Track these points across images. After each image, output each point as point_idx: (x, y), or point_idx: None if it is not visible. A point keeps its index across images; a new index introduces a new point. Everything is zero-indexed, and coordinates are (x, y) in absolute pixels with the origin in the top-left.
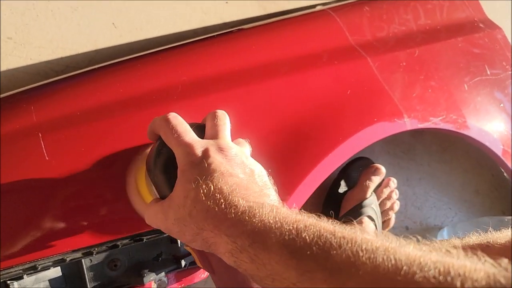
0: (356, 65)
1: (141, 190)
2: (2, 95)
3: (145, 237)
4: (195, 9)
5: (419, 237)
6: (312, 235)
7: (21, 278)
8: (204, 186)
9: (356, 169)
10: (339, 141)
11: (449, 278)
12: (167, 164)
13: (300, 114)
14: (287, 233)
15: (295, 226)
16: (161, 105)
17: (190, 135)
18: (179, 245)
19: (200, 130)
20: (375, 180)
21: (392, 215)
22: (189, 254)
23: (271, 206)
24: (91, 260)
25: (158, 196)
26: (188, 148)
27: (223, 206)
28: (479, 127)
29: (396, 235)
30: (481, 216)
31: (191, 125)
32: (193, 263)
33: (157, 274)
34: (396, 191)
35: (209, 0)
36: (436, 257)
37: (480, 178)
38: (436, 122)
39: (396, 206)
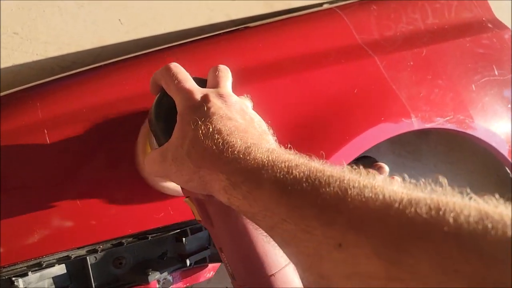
0: (363, 64)
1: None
2: (8, 91)
3: (150, 235)
4: (201, 6)
5: (405, 175)
6: (302, 173)
7: (25, 275)
8: (203, 127)
9: None
10: (345, 140)
11: (441, 213)
12: (167, 114)
13: (306, 113)
14: (278, 170)
15: (286, 165)
16: None
17: (190, 82)
18: (185, 244)
19: (202, 83)
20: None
21: None
22: (195, 252)
23: (267, 147)
24: (95, 258)
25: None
26: (188, 93)
27: (221, 145)
28: (486, 128)
29: None
30: None
31: (193, 78)
32: (198, 262)
33: (161, 273)
34: None
35: None
36: (423, 194)
37: (486, 179)
38: (443, 122)
39: None
